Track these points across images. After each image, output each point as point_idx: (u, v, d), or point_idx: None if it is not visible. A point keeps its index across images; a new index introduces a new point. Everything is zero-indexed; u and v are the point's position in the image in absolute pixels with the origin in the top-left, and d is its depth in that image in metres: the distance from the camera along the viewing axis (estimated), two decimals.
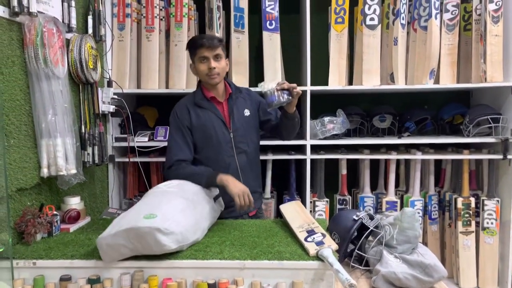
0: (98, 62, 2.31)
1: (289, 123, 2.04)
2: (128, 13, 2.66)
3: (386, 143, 2.76)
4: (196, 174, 1.89)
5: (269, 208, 2.79)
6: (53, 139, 1.83)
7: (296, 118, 2.04)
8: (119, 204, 2.81)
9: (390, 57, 2.74)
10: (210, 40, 1.92)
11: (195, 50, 1.95)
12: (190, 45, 1.99)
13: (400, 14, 2.63)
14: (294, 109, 1.99)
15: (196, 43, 1.94)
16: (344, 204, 2.85)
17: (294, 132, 2.13)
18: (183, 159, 1.97)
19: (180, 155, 1.96)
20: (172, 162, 1.96)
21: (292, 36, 3.12)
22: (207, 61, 1.93)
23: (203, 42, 1.91)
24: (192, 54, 1.98)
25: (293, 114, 2.00)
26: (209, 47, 1.91)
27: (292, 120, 2.03)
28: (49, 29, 1.79)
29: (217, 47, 1.93)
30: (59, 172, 1.84)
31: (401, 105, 3.14)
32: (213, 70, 1.93)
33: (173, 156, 1.97)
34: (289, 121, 2.03)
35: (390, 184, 2.78)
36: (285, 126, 2.07)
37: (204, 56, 1.92)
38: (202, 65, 1.95)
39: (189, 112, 2.01)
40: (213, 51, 1.92)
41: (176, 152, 1.97)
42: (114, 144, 2.67)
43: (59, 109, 1.84)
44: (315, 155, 2.71)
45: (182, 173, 1.91)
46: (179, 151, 1.97)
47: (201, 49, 1.92)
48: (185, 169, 1.93)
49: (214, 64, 1.93)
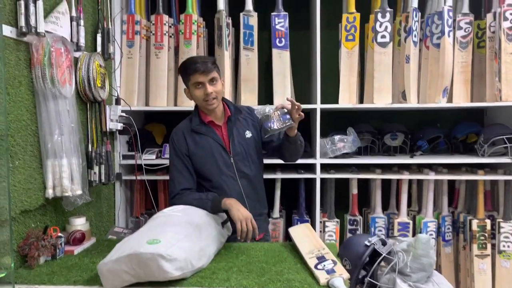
0: (106, 80, 2.29)
1: (291, 147, 1.96)
2: (137, 30, 2.66)
3: (399, 162, 2.69)
4: (201, 200, 1.84)
5: (278, 228, 2.73)
6: (59, 160, 1.80)
7: (298, 141, 1.95)
8: (126, 222, 2.77)
9: (402, 75, 2.69)
10: (204, 65, 1.82)
11: (188, 75, 1.85)
12: (183, 70, 1.89)
13: (412, 31, 2.59)
14: (295, 132, 1.91)
15: (189, 68, 1.83)
16: (354, 224, 2.78)
17: (297, 155, 2.05)
18: (188, 188, 1.92)
19: (184, 184, 1.92)
20: (177, 191, 1.91)
21: (301, 53, 3.09)
22: (202, 87, 1.85)
23: (197, 67, 1.81)
24: (186, 79, 1.90)
25: (294, 137, 1.92)
26: (204, 72, 1.82)
27: (294, 143, 1.94)
28: (57, 48, 1.78)
29: (212, 70, 1.84)
30: (64, 193, 1.82)
31: (412, 123, 3.08)
32: (210, 95, 1.85)
33: (177, 185, 1.92)
34: (291, 145, 1.95)
35: (402, 204, 2.70)
36: (287, 149, 1.99)
37: (199, 82, 1.84)
38: (198, 91, 1.86)
39: (186, 139, 1.95)
40: (208, 76, 1.83)
41: (180, 181, 1.92)
42: (122, 162, 2.64)
43: (65, 128, 1.82)
44: (325, 174, 2.66)
45: (187, 200, 1.86)
46: (183, 179, 1.92)
47: (195, 74, 1.82)
48: (190, 196, 1.88)
49: (211, 88, 1.85)
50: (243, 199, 1.95)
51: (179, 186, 1.91)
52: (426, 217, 2.70)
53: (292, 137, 1.91)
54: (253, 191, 2.02)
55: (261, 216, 2.05)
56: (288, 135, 1.91)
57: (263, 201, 2.10)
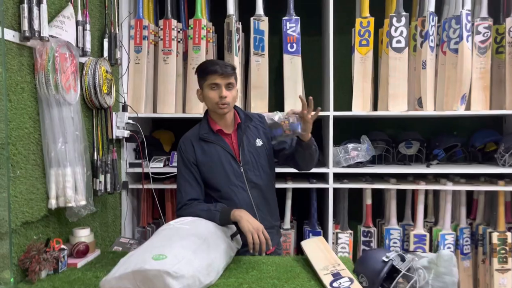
0: (113, 86, 2.23)
1: (306, 153, 1.87)
2: (145, 35, 2.60)
3: (415, 172, 2.59)
4: (209, 211, 1.75)
5: (289, 239, 2.64)
6: (63, 169, 1.73)
7: (312, 146, 1.86)
8: (132, 232, 2.70)
9: (418, 81, 2.59)
10: (224, 68, 1.77)
11: (206, 75, 1.80)
12: (201, 69, 1.84)
13: (429, 36, 2.49)
14: (309, 137, 1.81)
15: (209, 68, 1.80)
16: (368, 236, 2.68)
17: (312, 163, 1.96)
18: (196, 198, 1.84)
19: (192, 194, 1.83)
20: (185, 201, 1.82)
21: (313, 59, 3.02)
22: (218, 89, 1.79)
23: (216, 68, 1.77)
24: (202, 79, 1.84)
25: (308, 142, 1.82)
26: (223, 75, 1.77)
27: (308, 149, 1.85)
28: (61, 53, 1.72)
29: (231, 75, 1.80)
30: (68, 203, 1.74)
31: (428, 131, 2.98)
32: (224, 99, 1.78)
33: (184, 195, 1.83)
34: (305, 151, 1.85)
35: (419, 216, 2.60)
36: (301, 156, 1.89)
37: (216, 83, 1.78)
38: (212, 93, 1.80)
39: (194, 148, 1.87)
40: (226, 79, 1.78)
41: (187, 191, 1.84)
42: (128, 170, 2.57)
43: (69, 136, 1.75)
44: (338, 184, 2.57)
45: (195, 211, 1.78)
46: (190, 189, 1.84)
47: (214, 75, 1.77)
48: (197, 207, 1.80)
49: (226, 93, 1.79)
50: (253, 211, 1.87)
51: (186, 196, 1.83)
52: (443, 229, 2.59)
53: (306, 142, 1.82)
54: (264, 202, 1.93)
55: (272, 229, 1.96)
56: (301, 141, 1.82)
57: (275, 213, 2.01)
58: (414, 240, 2.57)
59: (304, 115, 1.74)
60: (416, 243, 2.57)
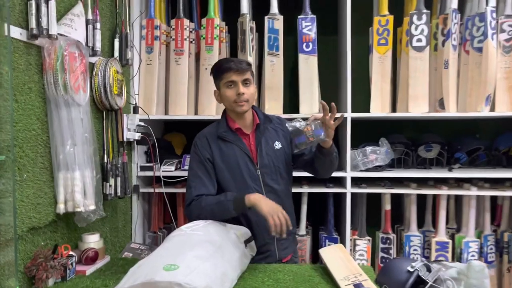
0: (124, 87, 2.17)
1: (326, 160, 1.77)
2: (156, 36, 2.54)
3: (436, 176, 2.48)
4: (221, 202, 1.67)
5: (304, 246, 2.54)
6: (71, 172, 1.67)
7: (333, 153, 1.77)
8: (143, 237, 2.63)
9: (440, 82, 2.49)
10: (238, 64, 1.71)
11: (221, 74, 1.74)
12: (216, 68, 1.78)
13: (452, 34, 2.39)
14: (330, 143, 1.72)
15: (223, 66, 1.73)
16: (388, 243, 2.57)
17: (332, 169, 1.86)
18: (206, 194, 1.74)
19: (202, 190, 1.74)
20: (192, 197, 1.73)
21: (329, 59, 2.93)
22: (235, 86, 1.72)
23: (231, 65, 1.71)
24: (218, 78, 1.77)
25: (329, 149, 1.73)
26: (238, 71, 1.70)
27: (329, 155, 1.76)
28: (70, 53, 1.65)
29: (247, 71, 1.73)
30: (76, 208, 1.68)
31: (449, 134, 2.87)
32: (242, 96, 1.71)
33: (194, 191, 1.74)
34: (325, 158, 1.76)
35: (441, 222, 2.48)
36: (321, 163, 1.80)
37: (232, 81, 1.72)
38: (229, 91, 1.74)
39: (210, 146, 1.79)
40: (242, 76, 1.72)
41: (198, 187, 1.74)
42: (139, 174, 2.51)
43: (78, 139, 1.69)
44: (356, 189, 2.47)
45: (205, 206, 1.69)
46: (201, 186, 1.75)
47: (229, 73, 1.71)
48: (206, 201, 1.70)
49: (243, 89, 1.72)
50: None
51: (196, 192, 1.74)
52: (467, 236, 2.47)
53: (327, 149, 1.73)
54: (281, 207, 1.84)
55: (289, 236, 1.87)
56: (322, 147, 1.73)
57: (291, 219, 1.91)
58: (436, 247, 2.45)
59: (326, 121, 1.65)
60: (438, 250, 2.46)
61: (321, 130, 1.64)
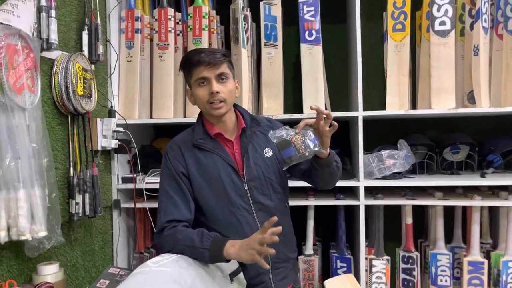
0: (94, 87, 1.86)
1: (325, 171, 1.45)
2: (138, 28, 2.22)
3: (466, 184, 2.10)
4: (194, 249, 1.32)
5: (312, 268, 2.18)
6: (14, 192, 1.35)
7: (333, 164, 1.43)
8: (128, 259, 2.31)
9: (468, 72, 2.11)
10: (210, 55, 1.38)
11: (190, 69, 1.41)
12: (184, 63, 1.45)
13: (482, 15, 2.01)
14: (327, 152, 1.39)
15: (192, 59, 1.40)
16: (410, 263, 2.19)
17: (333, 181, 1.53)
18: (179, 219, 1.40)
19: (174, 214, 1.40)
20: (163, 224, 1.40)
21: (337, 51, 2.58)
22: (207, 84, 1.39)
23: (201, 58, 1.37)
24: (188, 75, 1.45)
25: (327, 159, 1.41)
26: (210, 64, 1.37)
27: (327, 166, 1.43)
28: (9, 44, 1.34)
29: (221, 63, 1.39)
30: (21, 236, 1.36)
31: (480, 133, 2.48)
32: (216, 95, 1.38)
33: (163, 216, 1.41)
34: (323, 169, 1.44)
35: (473, 239, 2.09)
36: (319, 175, 1.47)
37: (203, 77, 1.39)
38: (201, 90, 1.40)
39: (184, 157, 1.45)
40: (215, 69, 1.38)
41: (169, 211, 1.41)
42: (120, 187, 2.19)
43: (23, 150, 1.37)
44: (371, 200, 2.10)
45: (175, 243, 1.35)
46: (174, 208, 1.41)
47: (199, 67, 1.38)
48: (178, 236, 1.36)
49: (218, 87, 1.38)
50: None
51: (165, 217, 1.40)
52: (506, 255, 2.07)
53: (323, 160, 1.40)
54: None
55: (287, 263, 1.52)
56: (318, 157, 1.40)
57: (290, 242, 1.56)
58: (469, 268, 2.07)
59: (320, 127, 1.32)
60: (471, 272, 2.07)
61: (314, 139, 1.30)
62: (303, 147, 1.28)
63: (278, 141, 1.31)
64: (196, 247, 1.31)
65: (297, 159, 1.30)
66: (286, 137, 1.30)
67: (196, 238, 1.33)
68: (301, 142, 1.28)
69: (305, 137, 1.29)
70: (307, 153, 1.29)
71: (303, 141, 1.28)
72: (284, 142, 1.30)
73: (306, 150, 1.28)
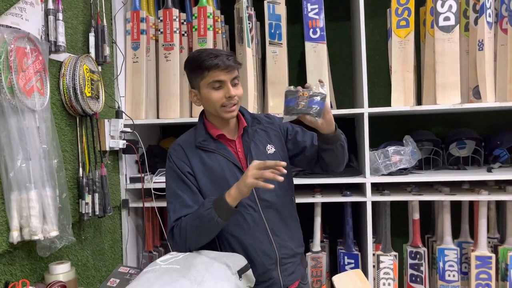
0: (101, 88, 1.88)
1: (337, 147, 1.44)
2: (143, 29, 2.24)
3: (472, 179, 2.10)
4: (201, 217, 1.33)
5: (319, 264, 2.20)
6: (26, 192, 1.38)
7: (339, 141, 1.43)
8: (137, 258, 2.34)
9: (473, 67, 2.11)
10: (227, 59, 1.37)
11: (203, 71, 1.39)
12: (196, 64, 1.42)
13: (486, 10, 2.01)
14: (333, 127, 1.40)
15: (207, 62, 1.37)
16: (418, 258, 2.20)
17: (343, 160, 1.52)
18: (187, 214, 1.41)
19: (183, 212, 1.41)
20: (172, 224, 1.41)
21: (341, 48, 2.59)
22: (223, 88, 1.39)
23: (218, 62, 1.36)
24: (198, 77, 1.43)
25: (332, 136, 1.41)
26: (227, 69, 1.37)
27: (333, 143, 1.43)
28: (19, 47, 1.37)
29: (236, 68, 1.40)
30: (34, 236, 1.39)
31: (486, 128, 2.48)
32: (232, 99, 1.39)
33: (173, 215, 1.41)
34: (335, 145, 1.44)
35: (481, 233, 2.10)
36: (328, 155, 1.47)
37: (220, 81, 1.38)
38: (216, 93, 1.40)
39: (188, 157, 1.46)
40: (231, 74, 1.39)
41: (178, 210, 1.41)
42: (128, 187, 2.22)
43: (33, 151, 1.40)
44: (378, 197, 2.11)
45: (187, 227, 1.36)
46: (182, 207, 1.41)
47: (215, 71, 1.37)
48: (186, 222, 1.37)
49: (234, 91, 1.39)
50: (268, 237, 1.45)
51: (176, 216, 1.41)
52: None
53: (329, 135, 1.41)
54: (282, 224, 1.50)
55: (294, 258, 1.53)
56: (322, 134, 1.41)
57: (296, 238, 1.57)
58: (477, 263, 2.07)
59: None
60: (479, 266, 2.08)
61: (320, 103, 1.30)
62: (304, 104, 1.29)
63: (287, 90, 1.34)
64: (202, 214, 1.32)
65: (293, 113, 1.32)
66: (294, 89, 1.32)
67: (199, 210, 1.35)
68: (305, 99, 1.29)
69: (310, 94, 1.30)
70: (305, 109, 1.30)
71: (307, 99, 1.30)
72: (291, 92, 1.33)
73: (305, 107, 1.29)
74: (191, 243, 1.38)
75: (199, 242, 1.38)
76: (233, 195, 1.31)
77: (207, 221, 1.32)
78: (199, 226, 1.34)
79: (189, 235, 1.36)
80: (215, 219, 1.31)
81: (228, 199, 1.31)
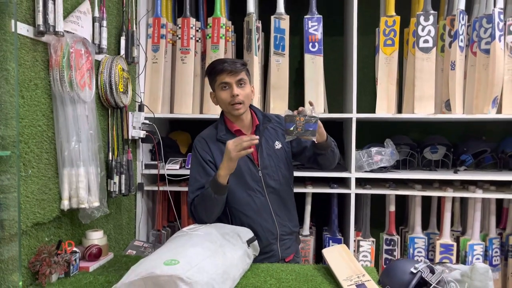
0: (129, 85, 2.18)
1: (328, 152, 1.78)
2: (163, 34, 2.54)
3: (441, 178, 2.46)
4: (204, 194, 1.66)
5: (308, 246, 2.54)
6: (76, 169, 1.68)
7: (329, 148, 1.76)
8: (147, 235, 2.64)
9: (446, 83, 2.47)
10: (232, 64, 1.69)
11: (215, 76, 1.72)
12: (210, 71, 1.76)
13: (459, 35, 2.37)
14: (325, 137, 1.72)
15: (216, 68, 1.70)
16: (392, 245, 2.56)
17: (335, 159, 1.86)
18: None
19: (198, 193, 1.73)
20: (190, 202, 1.74)
21: (335, 60, 2.93)
22: (229, 88, 1.71)
23: (224, 67, 1.68)
24: (212, 81, 1.76)
25: (324, 143, 1.74)
26: (231, 72, 1.68)
27: (325, 149, 1.76)
28: (77, 50, 1.66)
29: (241, 71, 1.71)
30: (81, 205, 1.69)
31: (455, 136, 2.85)
32: (236, 97, 1.70)
33: (191, 195, 1.74)
34: (326, 150, 1.77)
35: (445, 224, 2.47)
36: (324, 157, 1.80)
37: (226, 82, 1.70)
38: (224, 93, 1.72)
39: (210, 148, 1.78)
40: (236, 76, 1.69)
41: (195, 191, 1.74)
42: (144, 172, 2.52)
43: (83, 135, 1.70)
44: (361, 190, 2.46)
45: (197, 205, 1.70)
46: (198, 190, 1.73)
47: (222, 74, 1.69)
48: (198, 200, 1.70)
49: (237, 91, 1.70)
50: (271, 217, 1.78)
51: (193, 195, 1.73)
52: (472, 239, 2.45)
53: (321, 144, 1.73)
54: (283, 207, 1.84)
55: (291, 236, 1.87)
56: (316, 143, 1.73)
57: (293, 219, 1.91)
58: (441, 250, 2.44)
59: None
60: (442, 253, 2.44)
61: (314, 125, 1.60)
62: (302, 127, 1.60)
63: (286, 115, 1.62)
64: (204, 193, 1.66)
65: (293, 134, 1.60)
66: (293, 115, 1.61)
67: (203, 190, 1.68)
68: (302, 122, 1.60)
69: (306, 119, 1.58)
70: (302, 132, 1.59)
71: (304, 122, 1.59)
72: (290, 117, 1.61)
73: (302, 130, 1.59)
74: (204, 216, 1.70)
75: (209, 214, 1.70)
76: (222, 174, 1.61)
77: (208, 197, 1.64)
78: (204, 202, 1.67)
79: (200, 210, 1.70)
80: (212, 196, 1.63)
81: (219, 179, 1.62)
